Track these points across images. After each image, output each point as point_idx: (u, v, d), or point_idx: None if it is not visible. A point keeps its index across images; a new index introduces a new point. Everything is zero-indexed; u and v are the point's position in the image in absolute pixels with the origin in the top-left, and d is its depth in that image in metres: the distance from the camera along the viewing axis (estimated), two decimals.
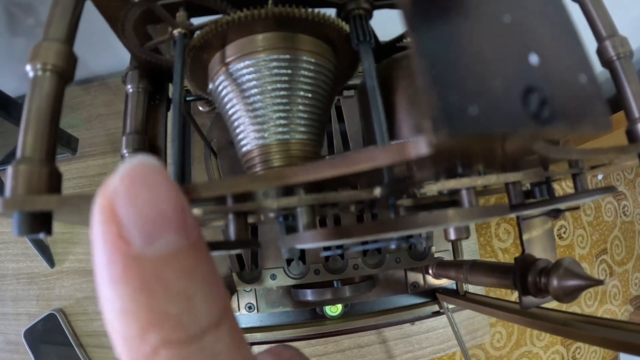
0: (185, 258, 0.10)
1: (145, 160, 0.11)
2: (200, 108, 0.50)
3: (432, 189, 0.23)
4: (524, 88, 0.11)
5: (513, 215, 0.27)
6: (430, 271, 0.50)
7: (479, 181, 0.25)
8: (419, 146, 0.12)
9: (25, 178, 0.18)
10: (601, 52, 0.28)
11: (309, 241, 0.18)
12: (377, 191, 0.21)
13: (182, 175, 0.26)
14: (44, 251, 0.59)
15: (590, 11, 0.29)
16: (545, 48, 0.12)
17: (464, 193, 0.24)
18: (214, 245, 0.23)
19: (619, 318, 0.95)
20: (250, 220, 0.27)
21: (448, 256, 0.53)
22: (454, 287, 0.53)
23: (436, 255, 0.52)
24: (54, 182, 0.20)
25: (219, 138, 0.49)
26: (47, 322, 0.57)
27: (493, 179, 0.25)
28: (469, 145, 0.11)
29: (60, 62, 0.21)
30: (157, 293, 0.10)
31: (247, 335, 0.48)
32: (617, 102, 0.29)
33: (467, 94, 0.10)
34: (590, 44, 0.28)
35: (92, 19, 0.28)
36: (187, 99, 0.34)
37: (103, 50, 0.57)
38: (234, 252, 0.21)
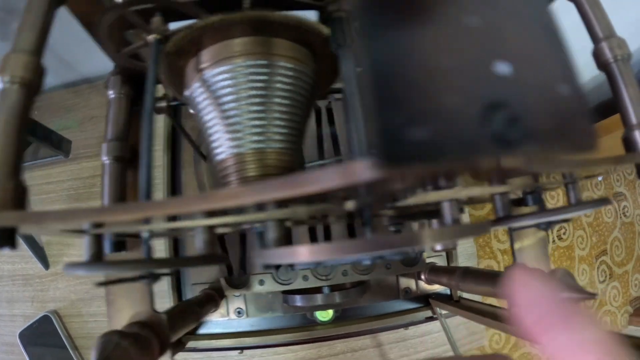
0: None
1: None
2: (191, 111, 0.50)
3: (410, 202, 0.22)
4: (489, 104, 0.10)
5: (500, 228, 0.26)
6: (422, 277, 0.49)
7: (462, 193, 0.24)
8: (363, 171, 0.11)
9: None
10: (597, 54, 0.27)
11: (273, 260, 0.18)
12: (350, 205, 0.21)
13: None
14: (39, 253, 0.59)
15: (586, 11, 0.28)
16: (519, 55, 0.11)
17: (445, 206, 0.24)
18: (179, 262, 0.23)
19: (618, 319, 0.94)
20: (226, 230, 0.26)
21: (442, 261, 0.52)
22: (448, 292, 0.52)
23: (429, 260, 0.51)
24: (19, 197, 0.19)
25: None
26: (41, 324, 0.57)
27: (477, 191, 0.24)
28: (418, 171, 0.11)
29: (28, 75, 0.20)
30: None
31: (237, 340, 0.48)
32: (612, 107, 0.28)
33: (413, 113, 0.09)
34: (586, 46, 0.27)
35: None
36: (171, 103, 0.34)
37: (98, 52, 0.56)
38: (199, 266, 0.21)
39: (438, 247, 0.27)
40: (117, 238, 0.29)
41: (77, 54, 0.57)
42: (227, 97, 0.24)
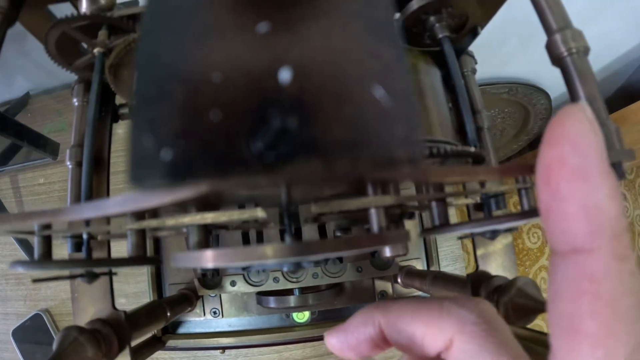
0: None
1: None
2: None
3: (331, 208, 0.22)
4: (256, 118, 0.09)
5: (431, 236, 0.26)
6: (399, 280, 0.49)
7: (387, 200, 0.24)
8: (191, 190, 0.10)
9: None
10: (550, 48, 0.24)
11: (191, 263, 0.18)
12: (260, 213, 0.21)
13: (90, 192, 0.26)
14: (31, 253, 0.61)
15: (539, 0, 0.26)
16: (316, 57, 0.09)
17: (372, 213, 0.24)
18: (112, 262, 0.24)
19: None
20: (164, 233, 0.27)
21: (420, 264, 0.52)
22: (427, 296, 0.52)
23: (407, 263, 0.51)
24: None
25: None
26: (33, 322, 0.60)
27: (405, 198, 0.24)
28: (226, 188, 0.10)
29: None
30: None
31: (214, 340, 0.49)
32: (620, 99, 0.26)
33: (165, 135, 0.09)
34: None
35: None
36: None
37: None
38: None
39: (387, 253, 0.27)
40: (75, 239, 0.30)
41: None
42: None
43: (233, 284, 0.43)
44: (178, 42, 0.09)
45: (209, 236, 0.21)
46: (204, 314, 0.47)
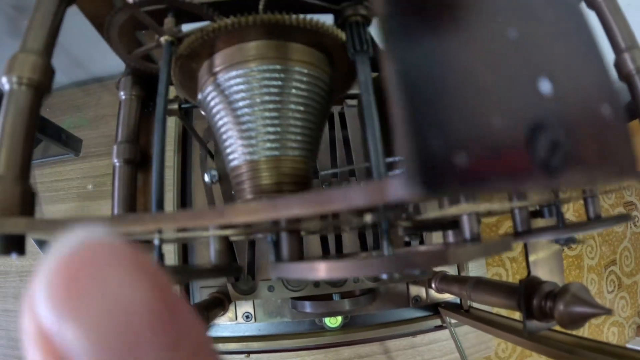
0: None
1: (90, 234, 0.07)
2: (202, 112, 0.49)
3: (429, 215, 0.22)
4: (532, 126, 0.09)
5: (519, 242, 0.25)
6: (433, 285, 0.48)
7: (481, 207, 0.23)
8: (397, 190, 0.10)
9: None
10: (619, 65, 0.26)
11: (293, 274, 0.17)
12: (368, 218, 0.20)
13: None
14: (47, 250, 0.59)
15: (608, 20, 0.27)
16: (559, 71, 0.10)
17: (464, 219, 0.23)
18: (192, 275, 0.22)
19: (626, 330, 0.92)
20: (240, 238, 0.26)
21: (452, 269, 0.51)
22: (458, 301, 0.51)
23: (439, 269, 0.50)
24: (27, 203, 0.19)
25: (216, 140, 0.48)
26: None
27: (496, 205, 0.23)
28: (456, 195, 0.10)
29: (36, 76, 0.20)
30: None
31: (245, 344, 0.47)
32: (634, 110, 0.27)
33: (455, 136, 0.08)
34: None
35: None
36: (182, 105, 0.33)
37: (109, 51, 0.56)
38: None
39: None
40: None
41: (89, 52, 0.57)
42: (241, 102, 0.23)
43: (271, 289, 0.42)
44: (441, 45, 0.09)
45: (301, 245, 0.20)
46: (236, 318, 0.46)
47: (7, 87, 0.20)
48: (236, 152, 0.24)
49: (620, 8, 0.27)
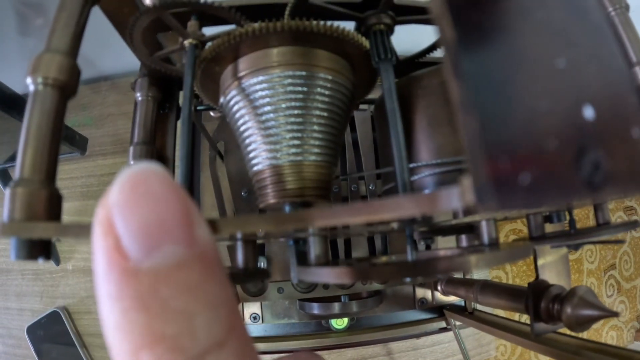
0: (187, 272, 0.09)
1: (146, 167, 0.10)
2: (212, 114, 0.49)
3: (449, 221, 0.22)
4: (577, 148, 0.10)
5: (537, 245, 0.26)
6: (439, 287, 0.48)
7: (498, 213, 0.24)
8: (452, 201, 0.10)
9: (24, 202, 0.17)
10: (631, 80, 0.27)
11: (320, 278, 0.17)
12: (395, 225, 0.20)
13: (192, 192, 0.25)
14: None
15: (619, 33, 0.27)
16: (598, 98, 0.10)
17: (483, 224, 0.23)
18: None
19: (624, 335, 0.93)
20: (260, 241, 0.26)
21: (456, 273, 0.51)
22: (462, 303, 0.52)
23: None
24: (53, 207, 0.19)
25: (226, 140, 0.48)
26: (50, 319, 0.57)
27: (514, 211, 0.24)
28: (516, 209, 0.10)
29: (62, 76, 0.19)
30: (153, 311, 0.09)
31: None
32: None
33: (520, 158, 0.09)
34: None
35: (102, 19, 0.27)
36: (198, 108, 0.33)
37: (116, 50, 0.56)
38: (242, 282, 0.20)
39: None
40: None
41: (95, 51, 0.57)
42: (265, 108, 0.23)
43: (280, 291, 0.42)
44: (504, 74, 0.09)
45: (327, 249, 0.20)
46: (244, 319, 0.46)
47: (32, 87, 0.19)
48: (259, 156, 0.24)
49: (632, 22, 0.28)
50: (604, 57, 0.12)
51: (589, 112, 0.10)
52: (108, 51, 0.55)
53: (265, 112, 0.23)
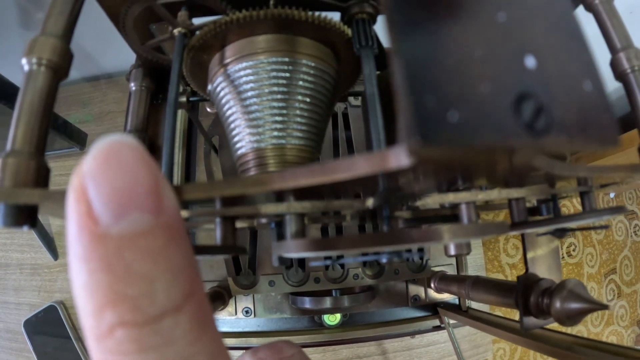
0: (151, 239, 0.10)
1: (119, 138, 0.10)
2: (208, 109, 0.50)
3: (427, 202, 0.22)
4: (517, 94, 0.10)
5: (515, 233, 0.26)
6: (432, 285, 0.48)
7: (479, 196, 0.24)
8: (399, 157, 0.11)
9: (13, 171, 0.18)
10: (615, 65, 0.27)
11: (294, 250, 0.18)
12: (370, 202, 0.21)
13: (171, 176, 0.25)
14: (49, 243, 0.59)
15: (604, 21, 0.28)
16: (544, 51, 0.11)
17: (463, 208, 0.23)
18: (198, 250, 0.23)
19: (625, 339, 0.92)
20: (243, 225, 0.26)
21: (451, 270, 0.51)
22: (457, 302, 0.52)
23: (439, 268, 0.50)
24: (41, 177, 0.19)
25: (221, 134, 0.48)
26: (47, 314, 0.58)
27: (494, 194, 0.24)
28: (452, 156, 0.11)
29: (55, 58, 0.20)
30: (117, 273, 0.10)
31: (244, 339, 0.47)
32: (630, 121, 0.28)
33: (448, 98, 0.09)
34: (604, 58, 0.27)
35: (104, 16, 0.28)
36: (191, 99, 0.34)
37: (116, 48, 0.57)
38: (218, 257, 0.21)
39: (452, 251, 0.27)
40: None
41: (95, 48, 0.58)
42: (249, 92, 0.24)
43: (271, 284, 0.42)
44: (438, 27, 0.10)
45: (304, 227, 0.21)
46: (236, 313, 0.46)
47: (26, 67, 0.20)
48: (243, 140, 0.25)
49: (617, 10, 0.28)
50: (555, 18, 0.12)
51: (530, 62, 0.10)
52: (108, 49, 0.57)
53: (249, 96, 0.24)
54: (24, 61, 0.20)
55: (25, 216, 0.18)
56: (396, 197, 0.20)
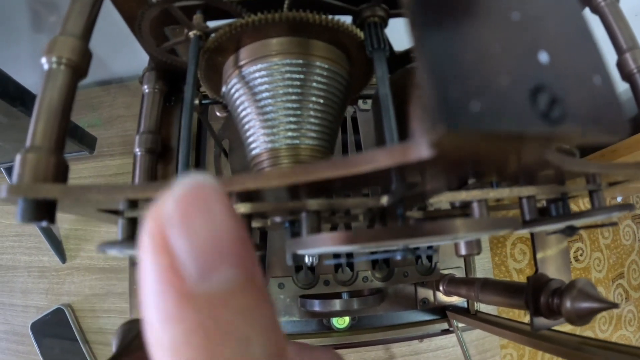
0: (244, 296, 0.09)
1: (202, 180, 0.09)
2: (218, 113, 0.50)
3: (441, 200, 0.22)
4: (533, 86, 0.10)
5: (525, 231, 0.26)
6: (441, 288, 0.48)
7: (491, 194, 0.24)
8: (420, 148, 0.11)
9: (32, 166, 0.18)
10: (621, 65, 0.28)
11: (312, 246, 0.18)
12: (385, 199, 0.21)
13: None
14: (57, 246, 0.60)
15: (610, 23, 0.28)
16: (556, 47, 0.11)
17: (475, 206, 0.24)
18: None
19: (633, 344, 0.91)
20: (256, 224, 0.27)
21: (460, 273, 0.51)
22: (465, 305, 0.51)
23: (448, 271, 0.50)
24: (60, 172, 0.20)
25: (231, 138, 0.49)
26: (54, 316, 0.58)
27: (506, 192, 0.24)
28: (472, 146, 0.11)
29: (75, 57, 0.21)
30: (213, 334, 0.09)
31: None
32: (638, 122, 0.28)
33: (470, 89, 0.10)
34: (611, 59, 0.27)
35: (116, 21, 0.29)
36: (203, 102, 0.34)
37: (125, 52, 0.58)
38: None
39: (463, 251, 0.27)
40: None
41: (105, 53, 0.59)
42: (264, 94, 0.24)
43: (281, 286, 0.42)
44: (458, 26, 0.11)
45: (320, 224, 0.21)
46: None
47: (46, 66, 0.21)
48: (258, 140, 0.25)
49: (622, 12, 0.29)
50: (563, 16, 0.13)
51: (543, 57, 0.11)
52: (119, 54, 0.57)
53: (264, 97, 0.24)
54: (43, 60, 0.21)
55: (44, 211, 0.18)
56: (410, 196, 0.21)
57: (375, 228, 0.16)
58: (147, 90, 0.33)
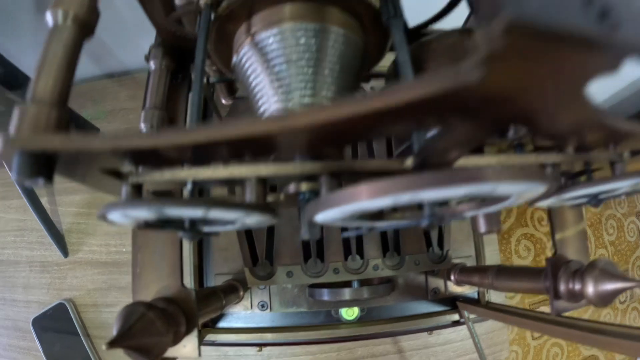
0: None
1: None
2: (223, 101, 0.50)
3: (466, 164, 0.21)
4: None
5: (553, 200, 0.25)
6: (452, 277, 0.47)
7: (515, 159, 0.23)
8: (470, 71, 0.10)
9: (32, 118, 0.17)
10: None
11: (337, 203, 0.17)
12: (409, 162, 0.20)
13: None
14: (59, 240, 0.59)
15: None
16: None
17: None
18: (232, 205, 0.22)
19: None
20: (270, 198, 0.26)
21: (471, 262, 0.50)
22: (476, 296, 0.50)
23: (459, 261, 0.49)
24: (62, 127, 0.18)
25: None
26: (56, 311, 0.57)
27: (531, 158, 0.23)
28: (532, 48, 0.10)
29: (82, 13, 0.20)
30: None
31: (258, 335, 0.46)
32: None
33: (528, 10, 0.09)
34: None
35: (121, 14, 0.28)
36: (210, 81, 0.34)
37: (129, 45, 0.58)
38: (250, 220, 0.20)
39: (482, 228, 0.26)
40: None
41: (109, 45, 0.58)
42: (277, 60, 0.24)
43: (290, 274, 0.41)
44: None
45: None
46: (251, 307, 0.45)
47: (51, 21, 0.20)
48: (270, 109, 0.24)
49: None
50: None
51: None
52: (124, 46, 0.57)
53: (277, 63, 0.24)
54: (48, 14, 0.20)
55: (42, 166, 0.17)
56: (434, 159, 0.20)
57: (410, 175, 0.14)
58: (153, 67, 0.32)
